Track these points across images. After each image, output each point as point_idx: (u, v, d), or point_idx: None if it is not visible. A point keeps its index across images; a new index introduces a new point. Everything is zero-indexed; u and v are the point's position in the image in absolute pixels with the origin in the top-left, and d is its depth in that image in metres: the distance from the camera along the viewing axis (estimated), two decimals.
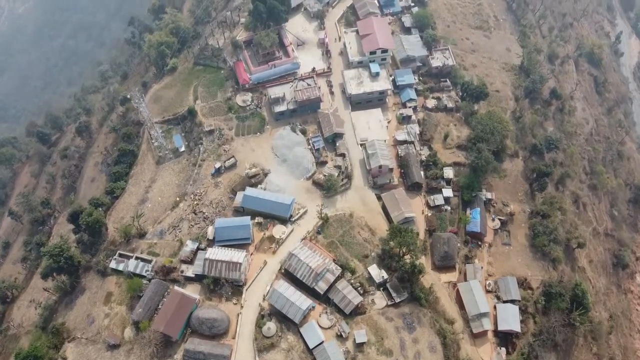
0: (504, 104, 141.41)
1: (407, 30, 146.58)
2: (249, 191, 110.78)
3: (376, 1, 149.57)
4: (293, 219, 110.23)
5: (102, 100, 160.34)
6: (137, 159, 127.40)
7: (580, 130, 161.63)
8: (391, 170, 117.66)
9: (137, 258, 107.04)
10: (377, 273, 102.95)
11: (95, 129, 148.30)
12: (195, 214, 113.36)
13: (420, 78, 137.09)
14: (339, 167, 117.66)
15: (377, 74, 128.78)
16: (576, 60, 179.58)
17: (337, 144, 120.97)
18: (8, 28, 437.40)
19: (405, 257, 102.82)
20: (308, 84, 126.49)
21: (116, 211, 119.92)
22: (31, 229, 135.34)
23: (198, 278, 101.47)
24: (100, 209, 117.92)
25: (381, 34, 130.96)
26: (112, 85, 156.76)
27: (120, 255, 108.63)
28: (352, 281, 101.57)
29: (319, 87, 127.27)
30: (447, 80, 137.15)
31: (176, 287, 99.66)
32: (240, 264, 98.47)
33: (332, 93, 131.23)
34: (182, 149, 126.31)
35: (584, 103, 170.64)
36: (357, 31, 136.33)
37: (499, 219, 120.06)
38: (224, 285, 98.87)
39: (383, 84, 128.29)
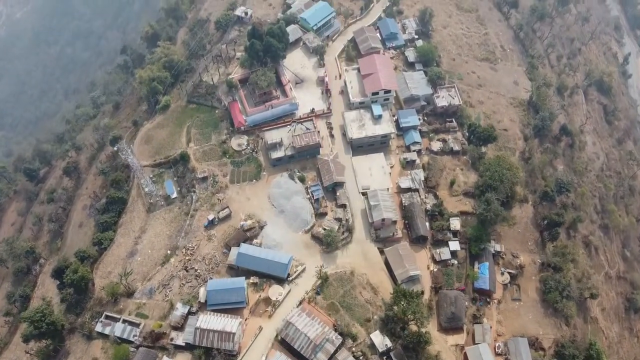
0: (512, 143, 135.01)
1: (410, 65, 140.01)
2: (244, 248, 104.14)
3: (378, 34, 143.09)
4: (291, 278, 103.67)
5: (92, 134, 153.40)
6: (126, 206, 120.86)
7: (591, 166, 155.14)
8: (394, 222, 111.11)
9: (124, 321, 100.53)
10: (380, 340, 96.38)
11: (83, 168, 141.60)
12: (187, 271, 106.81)
13: (425, 118, 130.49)
14: (339, 219, 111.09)
15: (380, 116, 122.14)
16: (585, 89, 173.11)
17: (338, 194, 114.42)
18: (6, 33, 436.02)
19: (411, 323, 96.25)
20: (307, 128, 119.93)
21: (103, 264, 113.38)
22: (15, 278, 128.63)
23: (188, 347, 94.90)
24: (88, 261, 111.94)
25: (384, 73, 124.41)
26: (102, 120, 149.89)
27: (107, 317, 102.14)
28: (354, 349, 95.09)
29: (318, 131, 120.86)
30: (453, 120, 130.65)
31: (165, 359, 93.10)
32: (234, 333, 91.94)
33: (332, 136, 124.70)
34: (174, 195, 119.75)
35: (594, 136, 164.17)
36: (358, 69, 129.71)
37: (509, 273, 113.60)
38: (216, 357, 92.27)
39: (386, 127, 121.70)
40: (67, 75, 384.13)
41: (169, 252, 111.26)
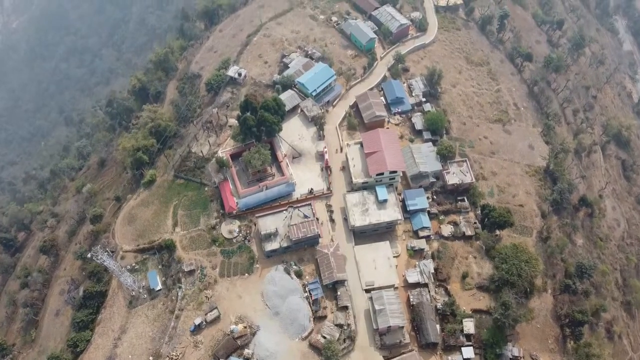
0: (528, 221, 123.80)
1: (418, 133, 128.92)
2: None
3: (382, 98, 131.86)
4: None
5: (73, 200, 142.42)
6: (106, 299, 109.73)
7: (612, 234, 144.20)
8: (402, 327, 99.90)
9: None
10: None
11: (62, 244, 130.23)
12: None
13: (434, 197, 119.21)
14: (340, 325, 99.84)
15: (385, 201, 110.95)
16: (603, 145, 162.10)
17: (339, 292, 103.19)
18: (2, 44, 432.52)
19: None
20: (305, 215, 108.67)
21: None
22: None
23: None
24: None
25: (389, 152, 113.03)
26: (85, 186, 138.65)
27: None
28: None
29: (317, 218, 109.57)
30: (465, 199, 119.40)
31: None
32: None
33: (332, 220, 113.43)
34: (159, 287, 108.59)
35: (614, 199, 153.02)
36: (361, 143, 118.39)
37: None
38: None
39: (392, 212, 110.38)
40: (61, 91, 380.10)
41: (151, 358, 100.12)
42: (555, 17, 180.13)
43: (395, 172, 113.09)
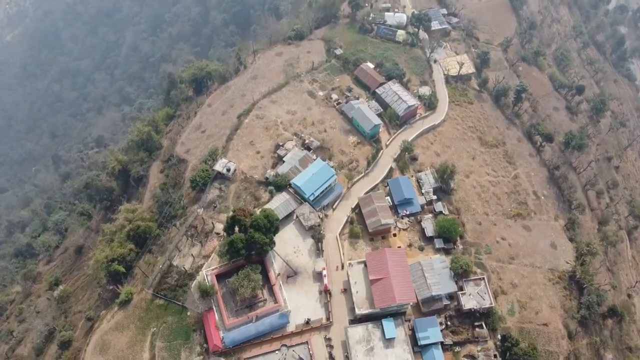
0: (554, 345, 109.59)
1: (428, 240, 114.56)
2: None
3: (388, 199, 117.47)
4: None
5: (44, 293, 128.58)
6: None
7: None
8: None
9: None
10: None
11: None
12: None
13: (448, 322, 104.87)
14: None
15: (393, 338, 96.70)
16: (629, 230, 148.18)
17: None
18: None
19: None
20: (301, 359, 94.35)
21: None
22: None
23: None
24: None
25: (398, 279, 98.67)
26: (59, 288, 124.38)
27: None
28: None
29: None
30: (483, 324, 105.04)
31: None
32: None
33: (332, 358, 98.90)
34: None
35: None
36: (365, 263, 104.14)
37: None
38: None
39: (400, 352, 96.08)
40: (53, 113, 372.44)
41: None
42: (574, 82, 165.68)
43: None
